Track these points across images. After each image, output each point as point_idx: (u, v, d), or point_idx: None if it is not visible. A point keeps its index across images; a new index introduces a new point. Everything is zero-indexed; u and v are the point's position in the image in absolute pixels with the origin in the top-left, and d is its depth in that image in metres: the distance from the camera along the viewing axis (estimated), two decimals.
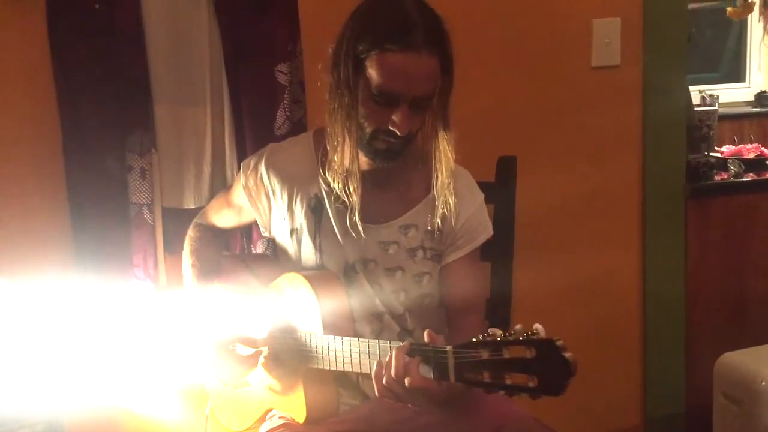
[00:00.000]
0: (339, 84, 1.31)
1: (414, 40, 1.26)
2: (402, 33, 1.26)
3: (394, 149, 1.33)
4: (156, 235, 1.74)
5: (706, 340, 2.24)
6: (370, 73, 1.28)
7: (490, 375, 1.05)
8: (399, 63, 1.26)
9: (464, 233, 1.45)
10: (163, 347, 1.69)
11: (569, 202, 2.11)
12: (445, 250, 1.45)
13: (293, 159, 1.47)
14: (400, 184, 1.42)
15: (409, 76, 1.27)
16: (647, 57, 2.07)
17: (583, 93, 2.07)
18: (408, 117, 1.30)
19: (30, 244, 1.70)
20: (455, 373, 1.10)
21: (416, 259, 1.43)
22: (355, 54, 1.28)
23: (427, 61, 1.28)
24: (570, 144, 2.08)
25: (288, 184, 1.45)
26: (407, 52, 1.26)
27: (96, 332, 1.68)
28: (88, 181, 1.68)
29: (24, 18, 1.63)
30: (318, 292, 1.37)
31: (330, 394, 1.42)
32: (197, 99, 1.75)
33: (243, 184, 1.51)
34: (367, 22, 1.29)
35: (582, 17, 2.02)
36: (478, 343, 1.06)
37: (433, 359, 1.13)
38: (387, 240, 1.42)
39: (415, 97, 1.29)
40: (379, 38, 1.26)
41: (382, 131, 1.31)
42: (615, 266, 2.18)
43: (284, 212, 1.46)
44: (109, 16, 1.64)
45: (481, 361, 1.05)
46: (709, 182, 2.26)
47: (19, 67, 1.66)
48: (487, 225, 1.49)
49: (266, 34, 1.75)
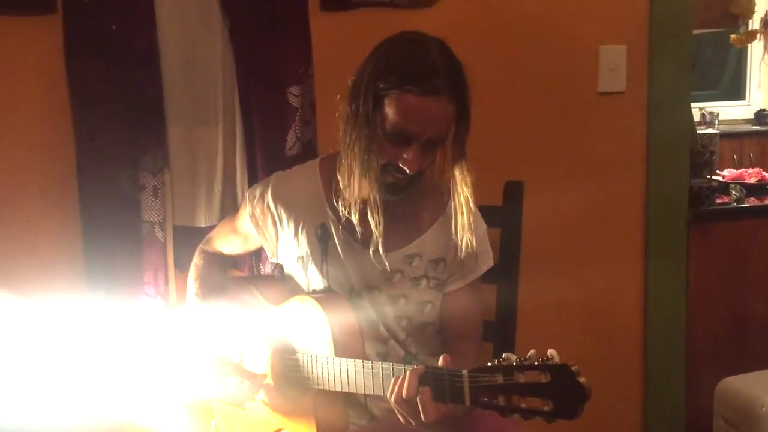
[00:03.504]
0: (357, 116, 1.33)
1: (435, 85, 1.29)
2: (424, 77, 1.28)
3: (401, 185, 1.36)
4: (167, 253, 1.76)
5: (707, 363, 2.26)
6: (388, 111, 1.31)
7: (504, 399, 1.08)
8: (417, 105, 1.29)
9: (465, 264, 1.47)
10: (171, 363, 1.70)
11: (573, 226, 2.13)
12: (447, 279, 1.47)
13: (299, 188, 1.49)
14: (405, 214, 1.44)
15: (426, 119, 1.30)
16: (652, 83, 2.09)
17: (589, 118, 2.09)
18: (419, 156, 1.33)
19: (42, 260, 1.72)
20: (471, 396, 1.13)
21: (419, 288, 1.45)
22: (375, 90, 1.31)
23: (445, 106, 1.31)
24: (575, 168, 2.10)
25: (294, 213, 1.48)
26: (427, 96, 1.29)
27: (106, 347, 1.70)
28: (100, 198, 1.70)
29: (42, 38, 1.66)
30: (328, 314, 1.38)
31: (340, 414, 1.44)
32: (210, 119, 1.78)
33: (249, 213, 1.53)
34: (391, 60, 1.32)
35: (588, 44, 2.05)
36: (494, 367, 1.09)
37: (448, 382, 1.15)
38: (392, 268, 1.43)
39: (428, 139, 1.33)
40: (402, 79, 1.29)
41: (392, 166, 1.34)
42: (618, 289, 2.20)
43: (291, 240, 1.49)
44: (125, 37, 1.67)
45: (496, 385, 1.08)
46: (712, 207, 2.28)
47: (35, 86, 1.69)
48: (488, 255, 1.52)
49: (279, 56, 1.77)
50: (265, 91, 1.78)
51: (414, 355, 1.48)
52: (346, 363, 1.34)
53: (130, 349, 1.71)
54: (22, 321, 1.64)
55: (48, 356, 1.66)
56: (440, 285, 1.47)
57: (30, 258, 1.71)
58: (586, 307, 2.17)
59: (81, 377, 1.68)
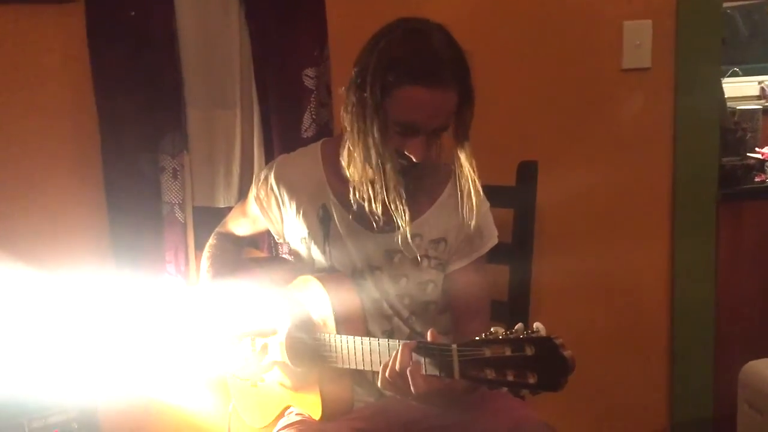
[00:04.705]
0: (365, 107, 1.33)
1: (443, 78, 1.29)
2: (432, 71, 1.29)
3: (406, 170, 1.36)
4: (187, 232, 1.80)
5: (736, 345, 2.21)
6: (395, 104, 1.31)
7: (492, 372, 1.08)
8: (425, 99, 1.30)
9: (468, 243, 1.47)
10: (192, 341, 1.76)
11: (599, 205, 2.11)
12: (449, 259, 1.48)
13: (302, 170, 1.51)
14: (406, 195, 1.42)
15: (433, 112, 1.31)
16: (680, 59, 2.03)
17: (613, 96, 2.05)
18: (425, 146, 1.34)
19: (70, 239, 1.78)
20: (459, 370, 1.13)
21: (421, 268, 1.46)
22: (383, 83, 1.31)
23: (451, 97, 1.32)
24: (600, 147, 2.07)
25: (296, 194, 1.50)
26: (435, 89, 1.29)
27: (130, 324, 1.76)
28: (124, 180, 1.75)
29: (66, 25, 1.71)
30: (330, 292, 1.41)
31: (345, 391, 1.47)
32: (228, 102, 1.81)
33: (255, 195, 1.57)
34: (397, 53, 1.31)
35: (612, 19, 2.00)
36: (481, 341, 1.10)
37: (439, 356, 1.17)
38: (392, 248, 1.45)
39: (435, 129, 1.34)
40: (409, 73, 1.29)
41: (398, 152, 1.35)
42: (643, 269, 2.17)
43: (294, 221, 1.51)
44: (144, 23, 1.70)
45: (484, 359, 1.09)
46: (742, 186, 2.22)
47: (61, 72, 1.74)
48: (492, 233, 1.51)
49: (294, 39, 1.79)
50: (281, 74, 1.79)
51: (419, 333, 1.49)
52: (346, 339, 1.36)
53: (153, 325, 1.77)
54: (51, 297, 1.71)
55: (75, 331, 1.73)
56: (441, 265, 1.48)
57: (59, 237, 1.77)
58: (612, 287, 2.15)
59: (106, 352, 1.75)
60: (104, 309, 1.75)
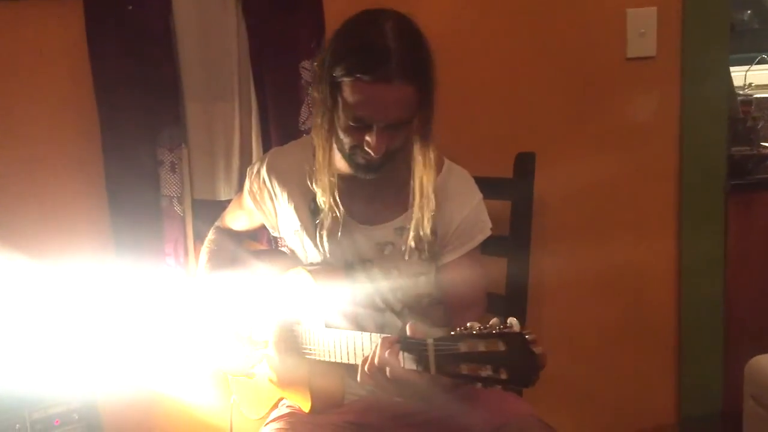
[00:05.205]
0: (321, 101, 1.34)
1: (387, 71, 1.26)
2: (375, 64, 1.26)
3: (374, 164, 1.35)
4: (186, 225, 1.82)
5: (746, 339, 2.16)
6: (345, 98, 1.30)
7: (467, 367, 1.08)
8: (370, 93, 1.27)
9: (459, 234, 1.46)
10: (189, 333, 1.77)
11: (603, 197, 2.08)
12: (440, 251, 1.47)
13: (293, 162, 1.50)
14: (394, 187, 1.44)
15: (381, 105, 1.28)
16: (686, 47, 1.99)
17: (616, 85, 2.01)
18: (382, 139, 1.31)
19: (72, 232, 1.80)
20: (435, 365, 1.13)
21: (411, 260, 1.45)
22: (332, 76, 1.30)
23: (401, 90, 1.28)
24: (604, 137, 2.04)
25: (288, 187, 1.50)
26: (378, 83, 1.26)
27: (130, 316, 1.78)
28: (123, 173, 1.77)
29: (66, 21, 1.72)
30: (320, 285, 1.41)
31: (335, 385, 1.47)
32: (226, 95, 1.81)
33: (248, 189, 1.57)
34: (344, 46, 1.31)
35: (615, 7, 1.97)
36: (456, 336, 1.09)
37: (416, 351, 1.16)
38: (382, 241, 1.44)
39: (389, 123, 1.30)
40: (353, 66, 1.27)
41: (359, 148, 1.34)
42: (650, 263, 2.13)
43: (287, 213, 1.51)
44: (141, 16, 1.72)
45: (459, 354, 1.08)
46: (752, 177, 2.17)
47: (62, 66, 1.75)
48: (484, 225, 1.49)
49: (291, 32, 1.79)
50: (278, 67, 1.80)
51: None
52: (334, 334, 1.36)
53: (153, 318, 1.79)
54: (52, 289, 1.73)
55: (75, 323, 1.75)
56: (433, 257, 1.47)
57: (61, 230, 1.79)
58: (617, 282, 2.12)
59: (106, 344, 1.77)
60: (105, 301, 1.77)
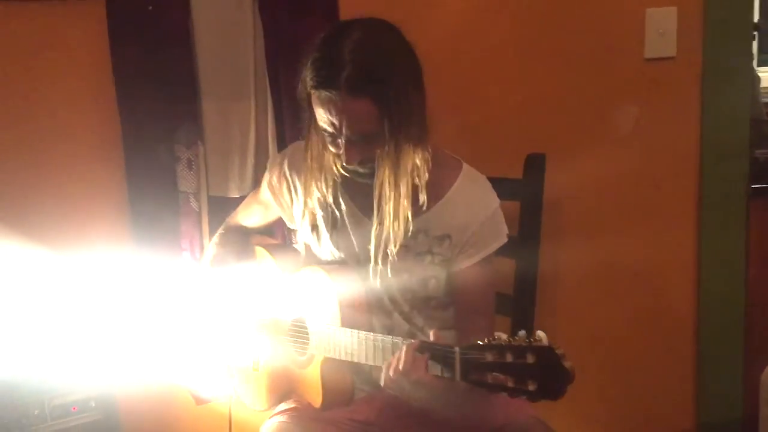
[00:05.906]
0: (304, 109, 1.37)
1: (337, 84, 1.27)
2: (327, 76, 1.28)
3: (359, 170, 1.37)
4: (202, 221, 1.86)
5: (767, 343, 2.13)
6: (313, 108, 1.34)
7: (492, 377, 1.12)
8: (328, 105, 1.29)
9: (475, 242, 1.44)
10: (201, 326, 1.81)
11: (621, 199, 2.06)
12: (454, 257, 1.46)
13: None
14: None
15: (339, 118, 1.30)
16: (707, 48, 1.96)
17: (635, 86, 1.99)
18: (351, 150, 1.32)
19: (92, 226, 1.85)
20: (461, 372, 1.17)
21: (424, 264, 1.45)
22: (304, 86, 1.34)
23: (355, 104, 1.28)
24: (622, 139, 2.02)
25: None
26: (331, 94, 1.28)
27: (147, 309, 1.83)
28: (142, 170, 1.82)
29: (89, 20, 1.77)
30: (337, 284, 1.43)
31: (346, 381, 1.49)
32: (242, 94, 1.84)
33: (268, 181, 1.60)
34: (310, 57, 1.33)
35: (634, 7, 1.95)
36: (484, 345, 1.13)
37: (441, 358, 1.19)
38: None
39: (358, 134, 1.31)
40: (311, 78, 1.31)
41: (338, 156, 1.36)
42: (668, 267, 2.11)
43: (304, 208, 1.53)
44: (160, 16, 1.76)
45: (485, 363, 1.12)
46: None
47: (84, 65, 1.80)
48: (500, 233, 1.47)
49: (306, 32, 1.79)
50: (293, 66, 1.80)
51: (420, 327, 1.49)
52: (350, 333, 1.38)
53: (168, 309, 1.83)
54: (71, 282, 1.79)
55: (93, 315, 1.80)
56: (445, 261, 1.46)
57: (82, 224, 1.84)
58: (636, 284, 2.10)
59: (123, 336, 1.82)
60: (123, 294, 1.81)
